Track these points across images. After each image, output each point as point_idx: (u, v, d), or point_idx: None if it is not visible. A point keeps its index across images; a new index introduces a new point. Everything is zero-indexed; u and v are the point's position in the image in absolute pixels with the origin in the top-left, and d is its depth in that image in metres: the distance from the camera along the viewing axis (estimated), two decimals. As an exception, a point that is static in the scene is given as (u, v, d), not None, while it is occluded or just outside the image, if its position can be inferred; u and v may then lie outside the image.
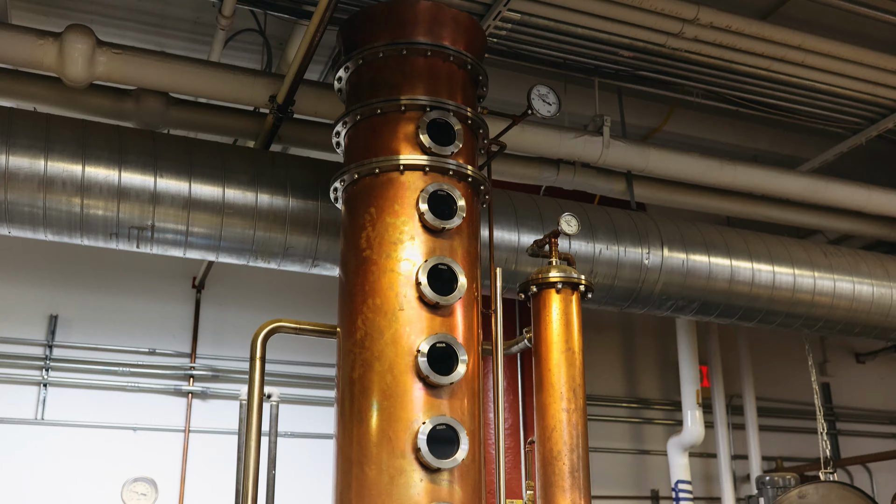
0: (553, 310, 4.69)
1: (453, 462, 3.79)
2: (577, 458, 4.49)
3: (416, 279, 3.99)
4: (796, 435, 10.64)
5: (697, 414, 8.95)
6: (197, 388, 7.97)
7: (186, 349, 8.12)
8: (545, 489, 4.49)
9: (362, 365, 3.97)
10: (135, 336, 7.97)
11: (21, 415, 7.42)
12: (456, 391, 3.96)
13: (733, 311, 6.91)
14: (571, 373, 4.60)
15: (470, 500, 3.87)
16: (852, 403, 11.33)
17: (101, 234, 5.27)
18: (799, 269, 6.98)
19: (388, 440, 3.82)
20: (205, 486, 7.69)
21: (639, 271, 6.40)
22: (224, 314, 8.33)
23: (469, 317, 4.18)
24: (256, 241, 5.47)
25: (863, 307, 7.23)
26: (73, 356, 7.72)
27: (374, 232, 4.15)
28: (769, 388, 10.58)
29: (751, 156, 8.17)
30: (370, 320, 4.00)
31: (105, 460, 7.46)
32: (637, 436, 10.06)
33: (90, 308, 7.91)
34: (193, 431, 7.88)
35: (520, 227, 6.08)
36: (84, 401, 7.65)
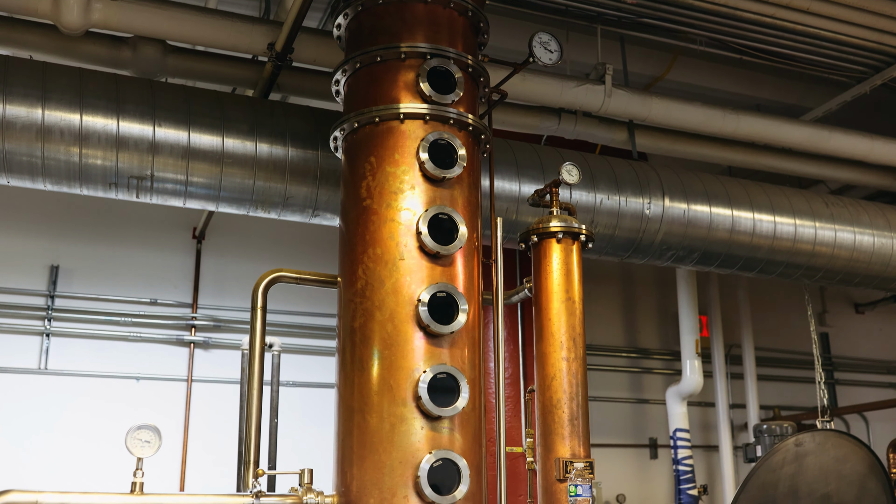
0: (553, 259, 4.69)
1: (454, 410, 3.82)
2: (577, 406, 4.52)
3: (416, 229, 3.99)
4: (794, 384, 10.73)
5: (696, 363, 9.01)
6: (199, 338, 8.01)
7: (188, 299, 8.14)
8: (545, 437, 4.53)
9: (363, 314, 3.98)
10: (136, 286, 7.99)
11: (25, 364, 7.47)
12: (456, 340, 3.98)
13: (734, 261, 6.91)
14: (571, 322, 4.61)
15: (470, 447, 3.91)
16: (850, 353, 11.41)
17: (101, 183, 5.25)
18: (800, 220, 6.96)
19: (388, 388, 3.84)
20: (208, 435, 7.78)
21: (640, 221, 6.39)
22: (225, 264, 8.34)
23: (469, 266, 4.18)
24: (256, 190, 5.45)
25: (863, 257, 7.23)
26: (75, 306, 7.75)
27: (374, 181, 4.13)
28: (768, 338, 10.64)
29: (754, 105, 8.10)
30: (371, 270, 4.00)
31: (108, 409, 7.53)
32: (636, 385, 10.14)
33: (91, 258, 7.92)
34: (196, 381, 7.94)
35: (521, 177, 6.05)
36: (87, 351, 7.70)
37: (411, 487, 3.72)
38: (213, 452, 7.69)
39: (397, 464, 3.75)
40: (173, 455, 7.64)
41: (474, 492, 3.87)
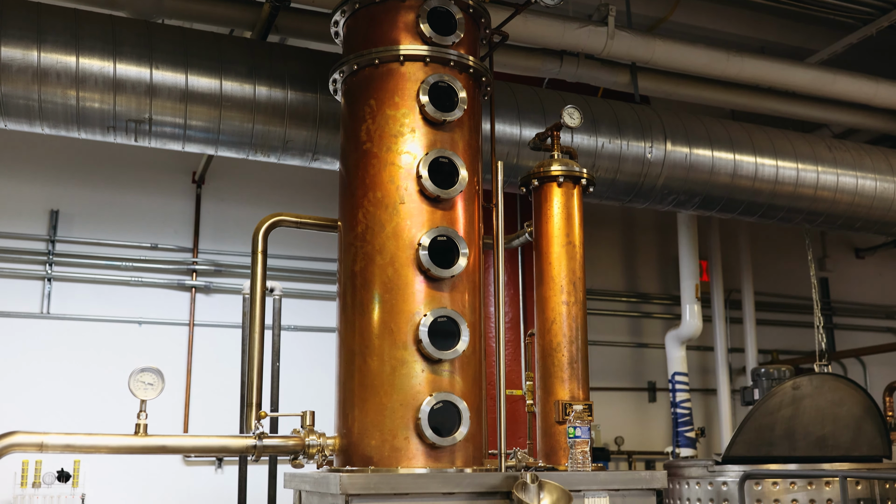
0: (554, 203, 4.67)
1: (454, 353, 3.84)
2: (577, 349, 4.55)
3: (416, 172, 3.96)
4: (793, 329, 10.78)
5: (696, 308, 9.04)
6: (200, 283, 8.03)
7: (188, 244, 8.14)
8: (544, 380, 4.57)
9: (364, 258, 3.98)
10: (136, 231, 7.98)
11: (27, 309, 7.49)
12: (457, 284, 3.98)
13: (735, 205, 6.89)
14: (572, 266, 4.61)
15: (470, 390, 3.94)
16: (850, 298, 11.44)
17: (99, 127, 5.21)
18: (802, 164, 6.93)
19: (389, 332, 3.86)
20: (210, 378, 7.84)
21: (641, 165, 6.36)
22: (225, 209, 8.32)
23: (470, 210, 4.17)
24: (255, 134, 5.41)
25: (865, 202, 7.21)
26: (76, 251, 7.75)
27: (374, 124, 4.09)
28: (768, 282, 10.66)
29: (758, 47, 8.00)
30: (371, 214, 3.99)
31: (111, 353, 7.58)
32: (636, 329, 10.20)
33: (91, 203, 7.90)
34: (198, 325, 7.98)
35: (522, 120, 6.00)
36: (88, 295, 7.72)
37: (412, 429, 3.76)
38: (215, 396, 7.76)
39: (398, 406, 3.78)
40: (176, 399, 7.71)
41: (474, 433, 3.91)
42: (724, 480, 5.63)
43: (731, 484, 5.57)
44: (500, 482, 3.67)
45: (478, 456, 3.96)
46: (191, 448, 3.96)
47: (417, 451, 3.76)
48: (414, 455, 3.75)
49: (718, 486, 5.64)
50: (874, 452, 5.99)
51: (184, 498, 7.59)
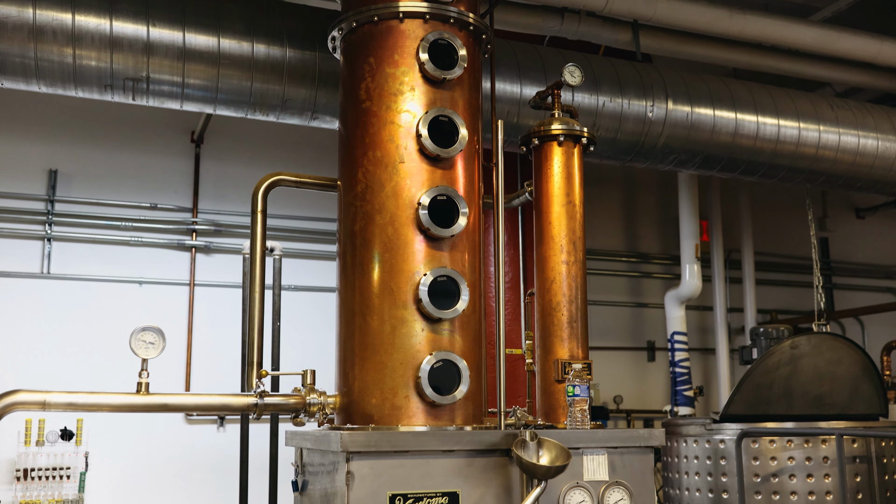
0: (555, 163, 4.65)
1: (454, 313, 3.85)
2: (576, 309, 4.56)
3: (416, 131, 3.94)
4: (792, 289, 10.81)
5: (696, 268, 9.05)
6: (200, 243, 8.04)
7: (188, 204, 8.13)
8: (544, 339, 4.59)
9: (363, 218, 3.98)
10: (135, 191, 7.97)
11: (27, 269, 7.51)
12: (457, 244, 3.98)
13: (736, 164, 6.87)
14: (572, 226, 4.61)
15: (470, 349, 3.96)
16: (849, 258, 11.45)
17: (96, 85, 5.17)
18: (804, 123, 6.89)
19: (389, 291, 3.87)
20: (211, 338, 7.88)
21: (642, 124, 6.33)
22: (224, 169, 8.30)
23: (470, 170, 4.15)
24: (254, 92, 5.38)
25: (866, 161, 7.18)
26: (75, 211, 7.74)
27: (373, 83, 4.06)
28: (768, 242, 10.67)
29: (761, 4, 7.90)
30: (371, 173, 3.98)
31: (112, 313, 7.61)
32: (635, 289, 10.23)
33: (89, 163, 7.87)
34: (198, 285, 8.00)
35: (522, 79, 5.96)
36: (89, 255, 7.73)
37: (412, 388, 3.78)
38: (217, 355, 7.81)
39: (398, 365, 3.80)
40: (178, 359, 7.76)
41: (474, 392, 3.94)
42: (721, 438, 5.67)
43: (729, 442, 5.62)
44: (500, 440, 3.70)
45: (477, 414, 3.99)
46: (192, 406, 3.98)
47: (417, 410, 3.79)
48: (414, 413, 3.78)
49: (716, 444, 5.69)
50: (871, 411, 6.04)
51: (186, 456, 7.67)
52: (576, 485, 3.83)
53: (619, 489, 3.91)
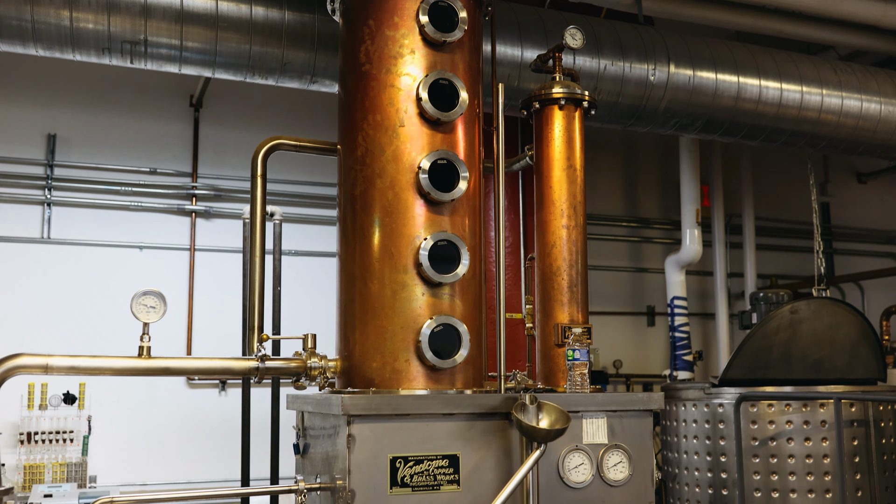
0: (555, 126, 4.63)
1: (454, 277, 3.86)
2: (576, 273, 4.56)
3: (416, 94, 3.92)
4: (793, 254, 10.82)
5: (696, 233, 9.05)
6: (200, 208, 8.02)
7: (187, 168, 8.11)
8: (544, 303, 4.59)
9: (363, 182, 3.97)
10: (134, 156, 7.94)
11: (27, 234, 7.50)
12: (457, 208, 3.97)
13: (738, 129, 6.84)
14: (572, 190, 4.59)
15: (470, 313, 3.96)
16: (851, 223, 11.44)
17: (94, 49, 5.13)
18: (807, 87, 6.85)
19: (390, 256, 3.87)
20: (212, 302, 7.90)
21: (644, 88, 6.29)
22: (223, 133, 8.26)
23: (470, 133, 4.13)
24: (253, 56, 5.34)
25: (869, 125, 7.15)
26: (75, 175, 7.72)
27: (373, 46, 4.02)
28: (769, 207, 10.65)
29: (765, -34, 7.82)
30: (370, 137, 3.96)
31: (112, 278, 7.62)
32: (636, 254, 10.23)
33: (88, 127, 7.84)
34: (199, 250, 8.00)
35: (523, 42, 5.91)
36: (89, 220, 7.73)
37: (413, 351, 3.80)
38: (218, 320, 7.83)
39: (399, 329, 3.81)
40: (179, 324, 7.78)
41: (474, 356, 3.95)
42: (720, 402, 5.71)
43: (728, 406, 5.65)
44: (500, 403, 3.72)
45: (478, 378, 4.01)
46: (194, 370, 4.00)
47: (418, 373, 3.80)
48: (414, 377, 3.80)
49: (715, 408, 5.73)
50: (869, 375, 6.07)
51: (188, 420, 7.72)
52: (575, 448, 3.86)
53: (618, 452, 3.94)
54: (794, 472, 5.42)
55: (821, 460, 5.42)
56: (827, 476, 5.40)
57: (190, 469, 7.60)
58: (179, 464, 7.61)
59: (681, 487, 5.92)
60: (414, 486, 3.56)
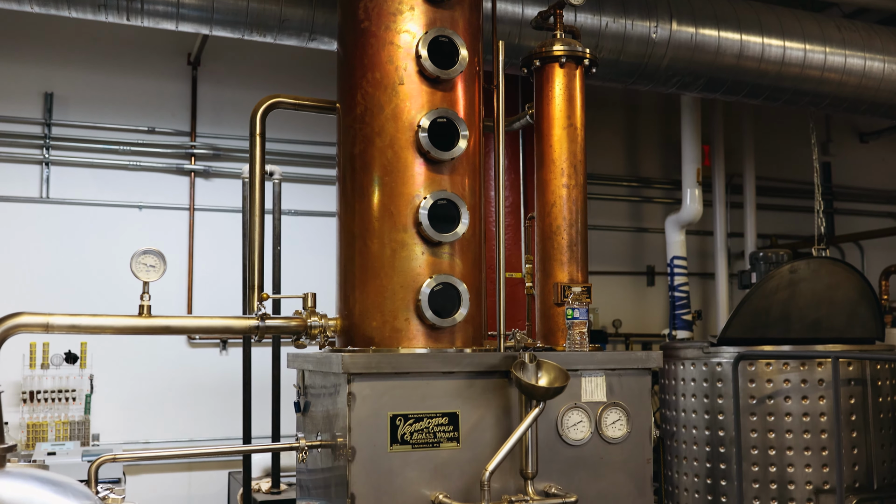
0: (556, 85, 4.59)
1: (454, 236, 3.85)
2: (576, 233, 4.55)
3: (416, 52, 3.88)
4: (793, 214, 10.80)
5: (697, 192, 9.03)
6: (199, 167, 7.99)
7: (186, 128, 8.06)
8: (543, 263, 4.59)
9: (363, 141, 3.94)
10: (132, 114, 7.89)
11: (26, 193, 7.48)
12: (457, 167, 3.95)
13: (740, 87, 6.79)
14: (573, 149, 4.57)
15: (470, 272, 3.97)
16: (852, 183, 11.41)
17: (89, 5, 5.07)
18: (810, 44, 6.78)
19: (389, 215, 3.86)
20: (212, 262, 7.91)
21: (645, 46, 6.23)
22: (222, 92, 8.20)
23: (470, 92, 4.10)
24: (250, 12, 5.28)
25: (872, 84, 7.09)
26: (73, 135, 7.68)
27: (371, 2, 3.97)
28: (770, 167, 10.62)
29: (769, -79, 7.71)
30: (370, 95, 3.93)
31: (112, 237, 7.62)
32: (636, 214, 10.22)
33: (85, 86, 7.78)
34: (198, 209, 7.99)
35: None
36: (88, 180, 7.70)
37: (412, 310, 3.80)
38: (218, 280, 7.85)
39: (399, 288, 3.81)
40: (179, 284, 7.80)
41: (474, 315, 3.96)
42: (718, 361, 5.74)
43: (726, 365, 5.68)
44: (499, 362, 3.74)
45: (477, 337, 4.02)
46: (195, 328, 4.01)
47: (418, 332, 3.82)
48: (414, 336, 3.81)
49: (713, 367, 5.76)
50: (868, 335, 6.09)
51: (189, 379, 7.77)
52: (574, 406, 3.89)
53: (617, 410, 3.96)
54: (791, 431, 5.47)
55: (818, 419, 5.46)
56: (823, 434, 5.44)
57: (192, 428, 7.67)
58: (181, 423, 7.67)
59: (678, 445, 5.97)
60: (414, 443, 3.59)
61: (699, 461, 5.80)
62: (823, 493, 5.41)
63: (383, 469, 3.54)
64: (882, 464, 5.64)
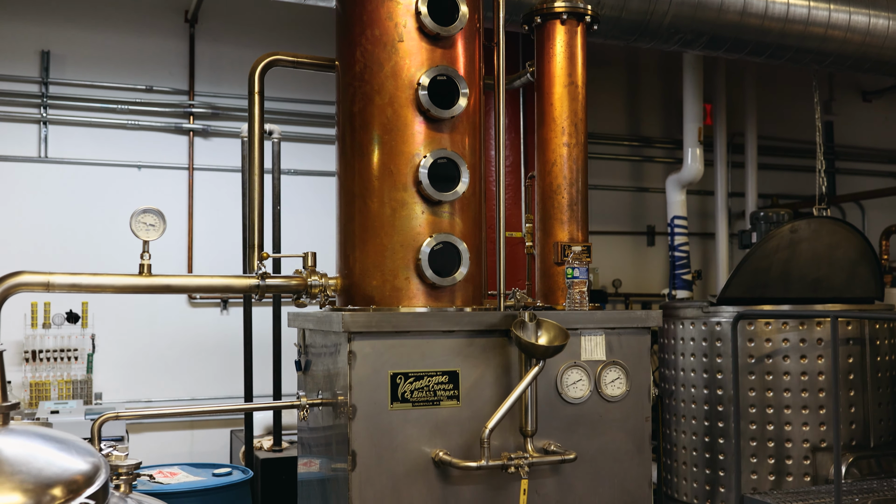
0: (557, 42, 4.55)
1: (454, 195, 3.84)
2: (577, 192, 4.54)
3: (415, 8, 3.83)
4: (795, 173, 10.77)
5: (698, 151, 8.98)
6: (198, 126, 7.95)
7: (184, 86, 8.00)
8: (544, 222, 4.59)
9: (362, 99, 3.91)
10: (130, 73, 7.82)
11: (25, 153, 7.45)
12: (457, 125, 3.93)
13: (743, 45, 6.72)
14: (574, 107, 4.54)
15: (470, 231, 3.96)
16: (854, 142, 11.35)
17: (84, -39, 5.00)
18: (815, 1, 6.70)
19: (389, 174, 3.84)
20: (212, 222, 7.89)
21: (647, 2, 6.15)
22: (220, 50, 8.13)
23: (471, 49, 4.06)
24: (248, -31, 5.21)
25: (876, 41, 7.02)
26: (70, 93, 7.62)
27: (370, -43, 3.92)
28: (772, 126, 10.56)
29: None
30: (369, 52, 3.89)
31: (111, 197, 7.60)
32: (637, 173, 10.18)
33: (82, 44, 7.70)
34: (197, 169, 7.95)
35: (525, -45, 5.75)
36: (86, 139, 7.66)
37: (412, 269, 3.81)
38: (218, 240, 7.84)
39: (398, 247, 3.81)
40: (179, 244, 7.79)
41: (474, 274, 3.97)
42: (717, 321, 5.76)
43: (725, 324, 5.70)
44: (499, 321, 3.75)
45: (477, 296, 4.03)
46: (195, 287, 4.02)
47: (418, 291, 3.82)
48: (414, 295, 3.82)
49: (712, 326, 5.78)
50: (867, 294, 6.10)
51: (190, 338, 7.80)
52: (573, 364, 3.91)
53: (616, 368, 3.98)
54: (790, 389, 5.50)
55: (816, 378, 5.49)
56: (821, 393, 5.48)
57: (193, 387, 7.72)
58: (183, 382, 7.72)
59: (677, 404, 6.01)
60: (414, 401, 3.61)
61: (697, 420, 5.84)
62: (820, 451, 5.46)
63: (384, 427, 3.57)
64: (879, 422, 5.68)
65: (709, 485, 5.76)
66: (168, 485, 4.74)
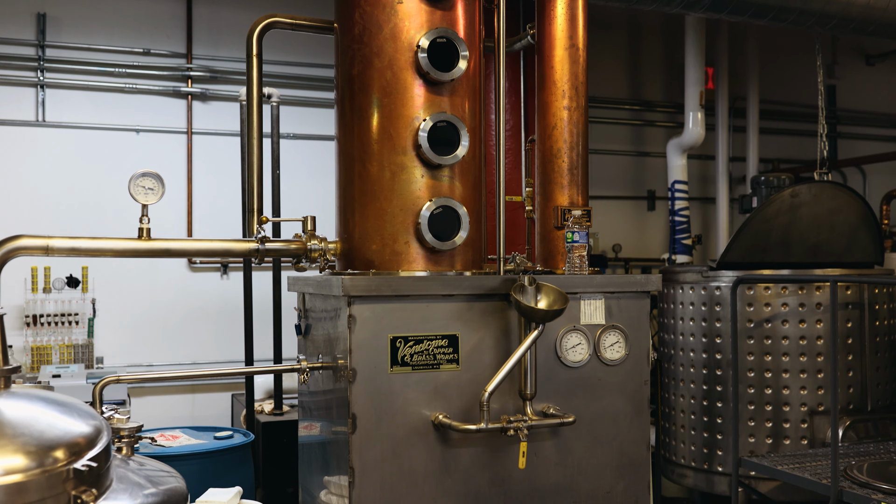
0: (558, 4, 4.50)
1: (454, 159, 3.83)
2: (577, 156, 4.52)
3: (415, -31, 3.79)
4: (797, 138, 10.72)
5: (699, 116, 8.93)
6: (196, 90, 7.89)
7: (181, 49, 7.93)
8: (544, 186, 4.57)
9: (361, 61, 3.88)
10: (127, 36, 7.75)
11: (22, 116, 7.40)
12: (457, 88, 3.91)
13: (746, 7, 6.65)
14: (574, 70, 4.51)
15: (470, 195, 3.95)
16: (857, 106, 11.28)
17: (79, -79, 4.94)
18: (819, -37, 6.63)
19: (388, 137, 3.82)
20: (211, 185, 7.87)
21: (650, -35, 6.09)
22: (218, 12, 8.05)
23: (471, 11, 4.02)
24: (245, -70, 5.14)
25: (881, 3, 6.95)
26: (67, 56, 7.55)
27: (369, -83, 3.87)
28: (774, 90, 10.48)
29: None
30: (368, 14, 3.85)
31: (110, 161, 7.56)
32: (638, 138, 10.13)
33: (78, 5, 7.62)
34: (196, 133, 7.91)
35: (526, -85, 5.68)
36: (84, 103, 7.61)
37: (412, 233, 3.80)
38: (217, 204, 7.82)
39: (398, 211, 3.81)
40: (178, 207, 7.77)
41: (473, 238, 3.96)
42: (717, 286, 5.76)
43: (725, 289, 5.70)
44: (499, 284, 3.76)
45: (477, 260, 4.03)
46: (195, 251, 4.02)
47: (417, 255, 3.82)
48: (414, 259, 3.82)
49: (712, 291, 5.78)
50: (867, 259, 6.10)
51: (191, 303, 7.81)
52: (573, 328, 3.92)
53: (615, 332, 4.00)
54: (788, 354, 5.52)
55: (814, 342, 5.51)
56: (819, 357, 5.50)
57: (194, 351, 7.74)
58: (184, 346, 7.74)
59: (676, 368, 6.04)
60: (414, 364, 3.63)
61: (696, 383, 5.87)
62: (818, 415, 5.49)
63: (384, 390, 3.58)
64: (876, 386, 5.71)
65: (707, 448, 5.81)
66: (170, 447, 4.77)
